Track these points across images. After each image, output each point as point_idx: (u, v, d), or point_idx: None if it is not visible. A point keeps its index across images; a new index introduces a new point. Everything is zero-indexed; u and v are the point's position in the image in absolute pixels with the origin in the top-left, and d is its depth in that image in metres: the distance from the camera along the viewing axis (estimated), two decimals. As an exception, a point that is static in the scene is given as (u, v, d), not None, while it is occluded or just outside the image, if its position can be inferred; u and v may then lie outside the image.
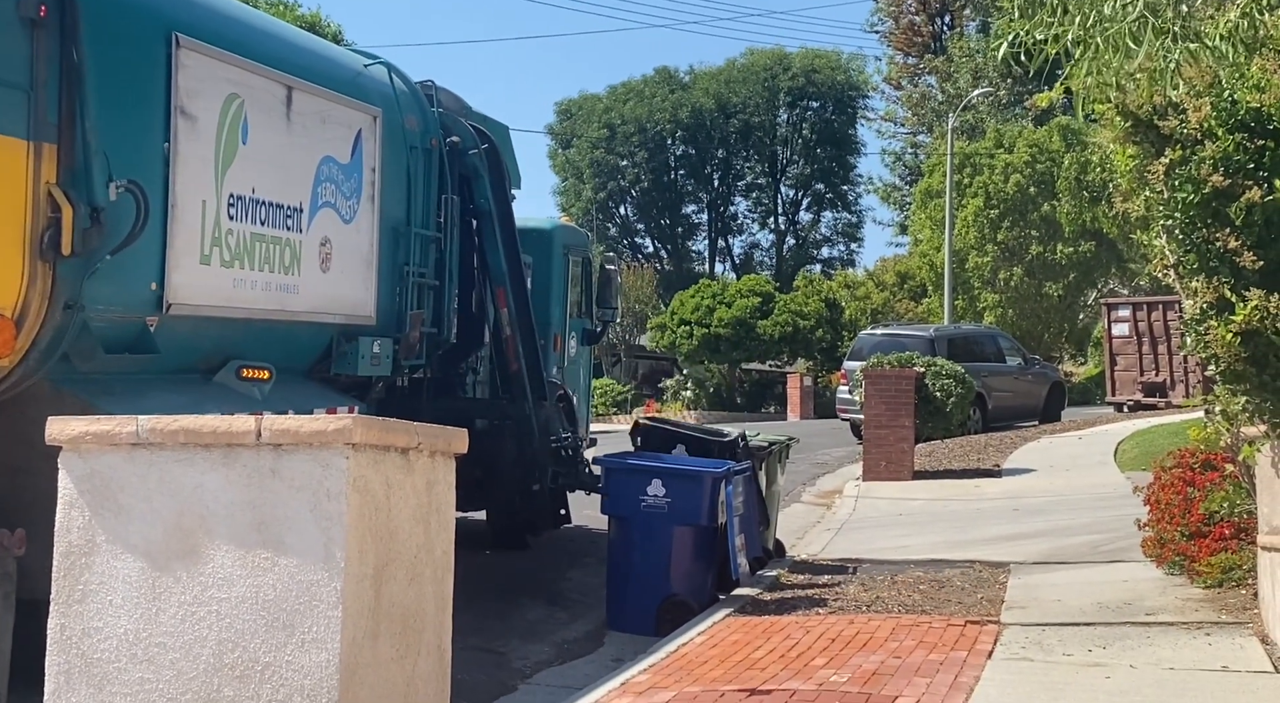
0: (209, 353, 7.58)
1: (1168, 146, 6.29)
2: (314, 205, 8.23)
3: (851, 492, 13.95)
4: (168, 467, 3.43)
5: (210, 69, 7.22)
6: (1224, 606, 7.13)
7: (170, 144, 6.89)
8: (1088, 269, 34.24)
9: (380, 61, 9.62)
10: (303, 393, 8.22)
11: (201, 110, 7.15)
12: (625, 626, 8.37)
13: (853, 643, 6.75)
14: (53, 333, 6.23)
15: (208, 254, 7.25)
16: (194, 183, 7.11)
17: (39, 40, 5.99)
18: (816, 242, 59.45)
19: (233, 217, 7.42)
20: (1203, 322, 5.98)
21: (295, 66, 8.18)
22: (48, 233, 6.02)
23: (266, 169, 7.75)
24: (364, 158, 8.77)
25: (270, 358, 7.87)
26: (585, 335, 13.11)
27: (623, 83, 56.39)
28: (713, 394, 37.15)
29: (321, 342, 8.63)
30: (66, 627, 3.45)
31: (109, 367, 6.69)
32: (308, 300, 8.22)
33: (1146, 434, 17.05)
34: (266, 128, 7.73)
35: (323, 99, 8.35)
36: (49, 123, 6.04)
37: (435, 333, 9.75)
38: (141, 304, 6.90)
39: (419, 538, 3.75)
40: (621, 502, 8.56)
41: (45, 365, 6.31)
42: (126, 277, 6.69)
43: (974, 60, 45.08)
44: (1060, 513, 11.54)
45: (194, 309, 7.21)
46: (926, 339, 21.39)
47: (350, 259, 8.67)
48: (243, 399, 7.47)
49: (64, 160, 6.10)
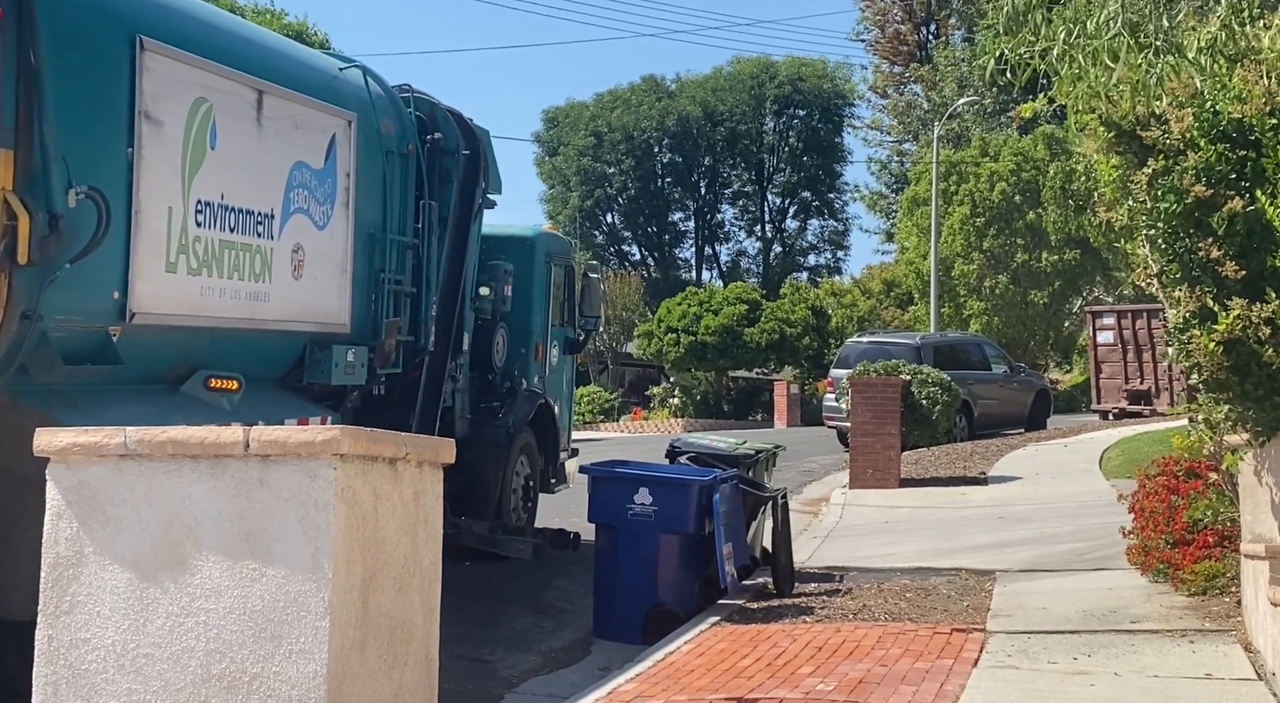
0: (175, 363, 7.40)
1: (1150, 157, 6.33)
2: (286, 211, 8.08)
3: (838, 499, 13.98)
4: (155, 478, 3.43)
5: (176, 72, 7.02)
6: (1208, 613, 7.17)
7: (134, 149, 6.70)
8: (1073, 277, 34.37)
9: (356, 65, 9.47)
10: (274, 403, 8.05)
11: (167, 115, 6.96)
12: (612, 634, 8.37)
13: (839, 651, 6.78)
14: (9, 344, 6.09)
15: (174, 262, 7.06)
16: (159, 189, 6.92)
17: None
18: (803, 249, 59.56)
19: (200, 223, 7.23)
20: (1186, 331, 6.02)
21: (266, 69, 8.00)
22: (3, 241, 5.89)
23: (236, 174, 7.55)
24: (338, 163, 8.64)
25: (240, 368, 7.73)
26: (568, 344, 12.94)
27: (610, 91, 56.46)
28: (700, 402, 37.18)
29: (294, 351, 8.47)
30: (54, 638, 3.45)
31: (70, 378, 6.53)
32: (279, 308, 8.04)
33: (1131, 442, 17.12)
34: (236, 132, 7.53)
35: (295, 103, 8.19)
36: (5, 127, 5.90)
37: (412, 341, 9.62)
38: (103, 313, 6.71)
39: (406, 548, 3.75)
40: (608, 510, 8.56)
41: (2, 377, 6.16)
42: (88, 285, 6.52)
43: (959, 69, 45.24)
44: (1046, 521, 11.58)
45: (159, 318, 7.03)
46: (913, 347, 21.44)
47: (324, 266, 8.53)
48: (210, 410, 7.32)
49: (21, 166, 5.95)
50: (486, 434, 10.89)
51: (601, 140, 54.51)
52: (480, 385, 11.16)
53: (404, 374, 9.63)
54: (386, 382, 9.46)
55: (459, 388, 10.58)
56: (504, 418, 11.14)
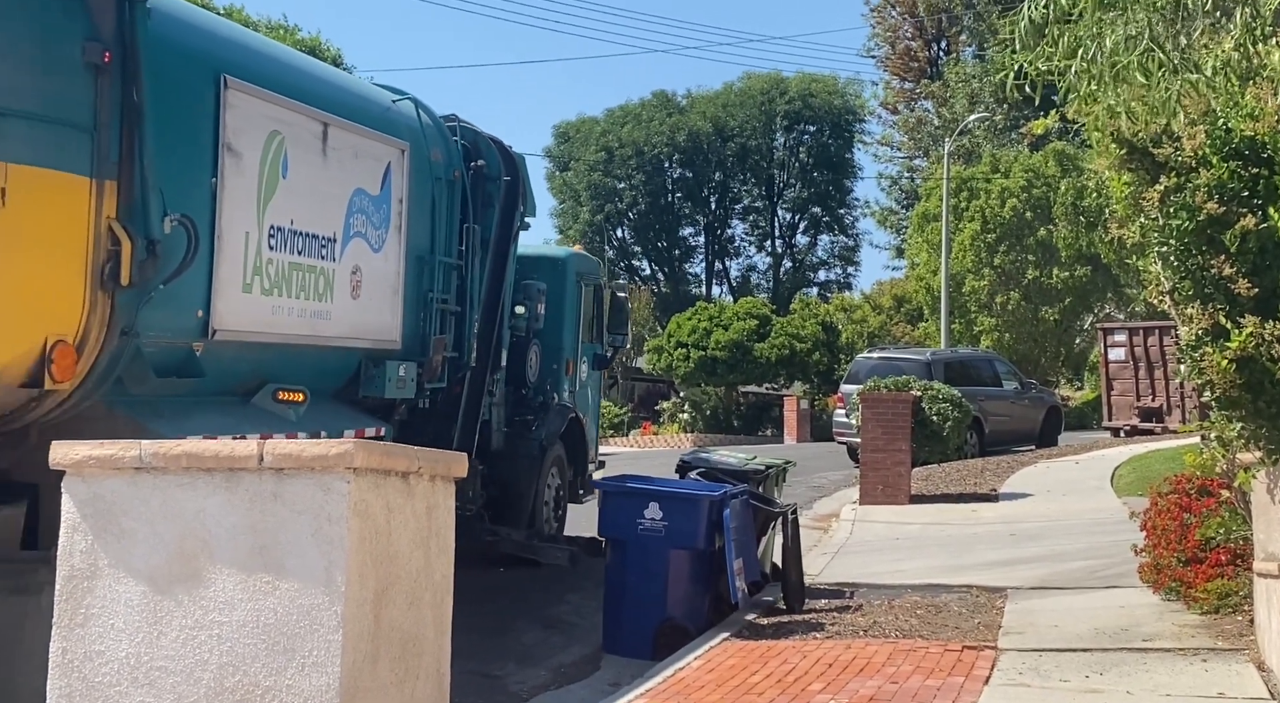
0: (248, 376, 7.90)
1: (1163, 174, 6.34)
2: (346, 235, 8.62)
3: (848, 515, 13.95)
4: (170, 491, 3.45)
5: (255, 108, 7.59)
6: (1220, 632, 7.14)
7: (217, 179, 7.26)
8: (1084, 294, 34.30)
9: (407, 97, 10.02)
10: (333, 414, 8.58)
11: (246, 147, 7.57)
12: (622, 650, 8.35)
13: (850, 668, 6.76)
14: (109, 358, 6.57)
15: (249, 283, 7.65)
16: (238, 215, 7.47)
17: (102, 84, 6.41)
18: (813, 264, 59.55)
19: (273, 247, 7.83)
20: (1198, 348, 6.02)
21: (331, 103, 8.60)
22: (108, 265, 6.38)
23: (304, 201, 8.13)
24: (392, 189, 9.17)
25: (304, 381, 8.21)
26: (596, 360, 13.44)
27: (621, 106, 56.58)
28: (709, 417, 37.13)
29: (350, 365, 8.97)
30: (68, 650, 3.46)
31: (159, 390, 7.07)
32: (339, 326, 8.59)
33: (1143, 459, 17.06)
34: (304, 162, 8.12)
35: (356, 134, 8.74)
36: (110, 161, 6.41)
37: (456, 357, 10.10)
38: (189, 331, 7.26)
39: (419, 562, 3.76)
40: (618, 525, 8.56)
41: (101, 388, 6.67)
42: (176, 305, 7.04)
43: (970, 85, 45.27)
44: (1057, 538, 11.55)
45: (236, 335, 7.55)
46: (923, 363, 21.41)
47: (378, 286, 9.06)
48: (278, 420, 7.81)
49: (123, 196, 6.45)
50: (521, 447, 11.39)
51: (612, 155, 54.62)
52: (514, 400, 11.63)
53: (447, 389, 10.13)
54: (431, 395, 9.95)
55: (495, 402, 11.07)
56: (537, 431, 11.61)
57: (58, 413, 6.55)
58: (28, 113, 6.05)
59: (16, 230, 5.99)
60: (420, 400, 9.71)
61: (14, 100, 6.00)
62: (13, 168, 5.94)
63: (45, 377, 6.21)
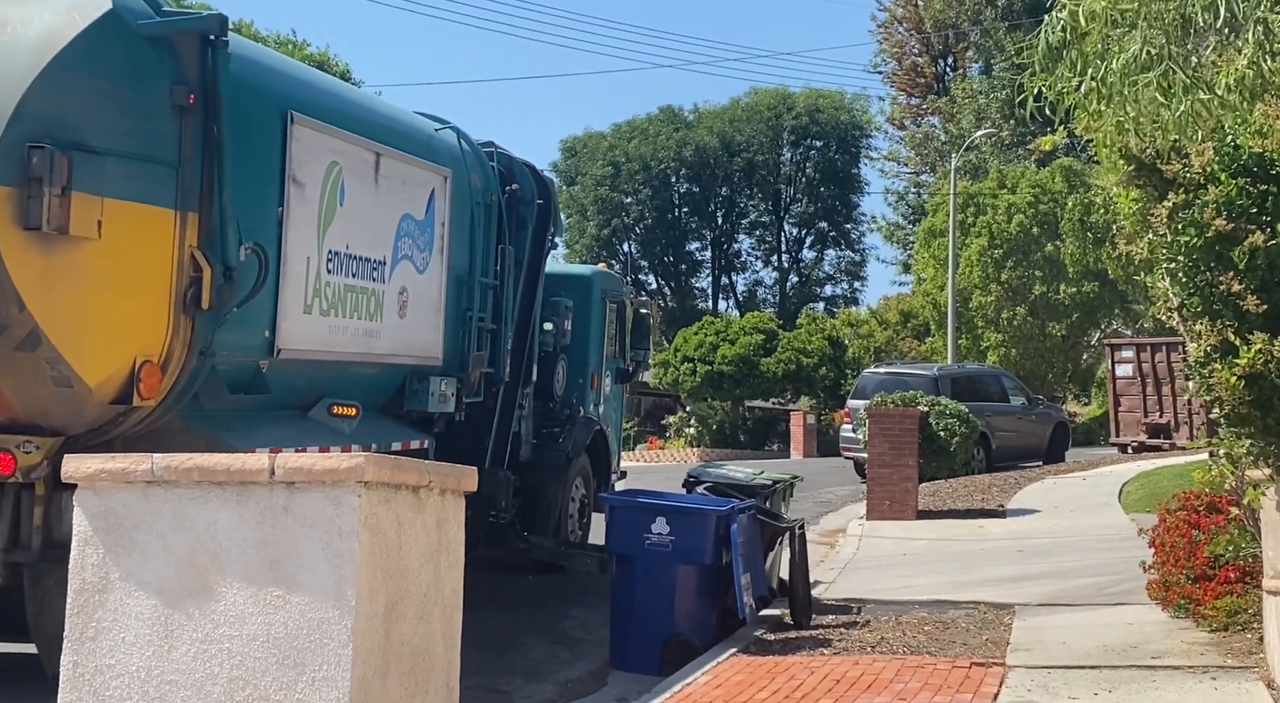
0: (306, 392, 8.37)
1: (1170, 190, 6.35)
2: (395, 258, 9.12)
3: (855, 531, 13.92)
4: (181, 504, 3.46)
5: (316, 140, 8.14)
6: (1230, 650, 7.12)
7: (283, 208, 7.77)
8: (1091, 310, 34.25)
9: (449, 126, 10.50)
10: (380, 428, 9.05)
11: (308, 177, 8.04)
12: (629, 665, 8.34)
13: (857, 684, 6.74)
14: (189, 376, 7.09)
15: (309, 304, 8.12)
16: (301, 241, 8.00)
17: (186, 123, 6.93)
18: (820, 279, 59.50)
19: (330, 270, 8.32)
20: (1207, 365, 6.01)
21: (382, 133, 9.11)
22: (190, 290, 6.90)
23: (358, 227, 8.63)
24: (436, 214, 9.67)
25: (356, 396, 8.69)
26: (619, 374, 13.79)
27: (627, 121, 56.63)
28: (716, 431, 37.09)
29: (396, 381, 9.44)
30: (79, 664, 3.46)
31: (230, 405, 7.54)
32: (388, 344, 9.08)
33: (1151, 476, 17.01)
34: (359, 190, 8.61)
35: (404, 163, 9.24)
36: (193, 194, 6.93)
37: (492, 372, 10.55)
38: (257, 350, 7.76)
39: (429, 576, 3.77)
40: (625, 540, 8.55)
41: (180, 404, 7.14)
42: (247, 326, 7.52)
43: (976, 101, 45.31)
44: (1065, 554, 11.51)
45: (298, 353, 8.02)
46: (930, 378, 21.38)
47: (422, 306, 9.53)
48: (334, 433, 8.31)
49: (204, 226, 6.98)
50: (548, 458, 11.79)
51: (619, 170, 54.70)
52: (542, 412, 12.02)
53: (482, 402, 10.58)
54: (467, 409, 10.36)
55: (525, 415, 11.47)
56: (564, 443, 12.03)
57: (140, 427, 7.01)
58: (122, 152, 6.61)
59: (111, 259, 6.56)
60: (458, 414, 10.13)
61: (111, 141, 6.56)
62: (108, 202, 6.48)
63: (134, 394, 6.72)
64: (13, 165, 6.20)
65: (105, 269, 6.55)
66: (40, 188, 6.18)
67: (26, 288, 6.28)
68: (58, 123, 6.34)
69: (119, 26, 6.64)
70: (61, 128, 6.34)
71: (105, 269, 6.55)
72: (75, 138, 6.36)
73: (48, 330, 6.36)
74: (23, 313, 6.29)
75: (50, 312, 6.38)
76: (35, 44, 6.42)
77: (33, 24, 6.49)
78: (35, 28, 6.49)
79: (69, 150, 6.28)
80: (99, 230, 6.41)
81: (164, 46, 6.85)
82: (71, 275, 6.44)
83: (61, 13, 6.56)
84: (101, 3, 6.63)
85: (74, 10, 6.57)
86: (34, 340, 6.36)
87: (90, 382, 6.54)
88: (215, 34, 6.94)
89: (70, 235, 6.31)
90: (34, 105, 6.28)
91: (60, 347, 6.41)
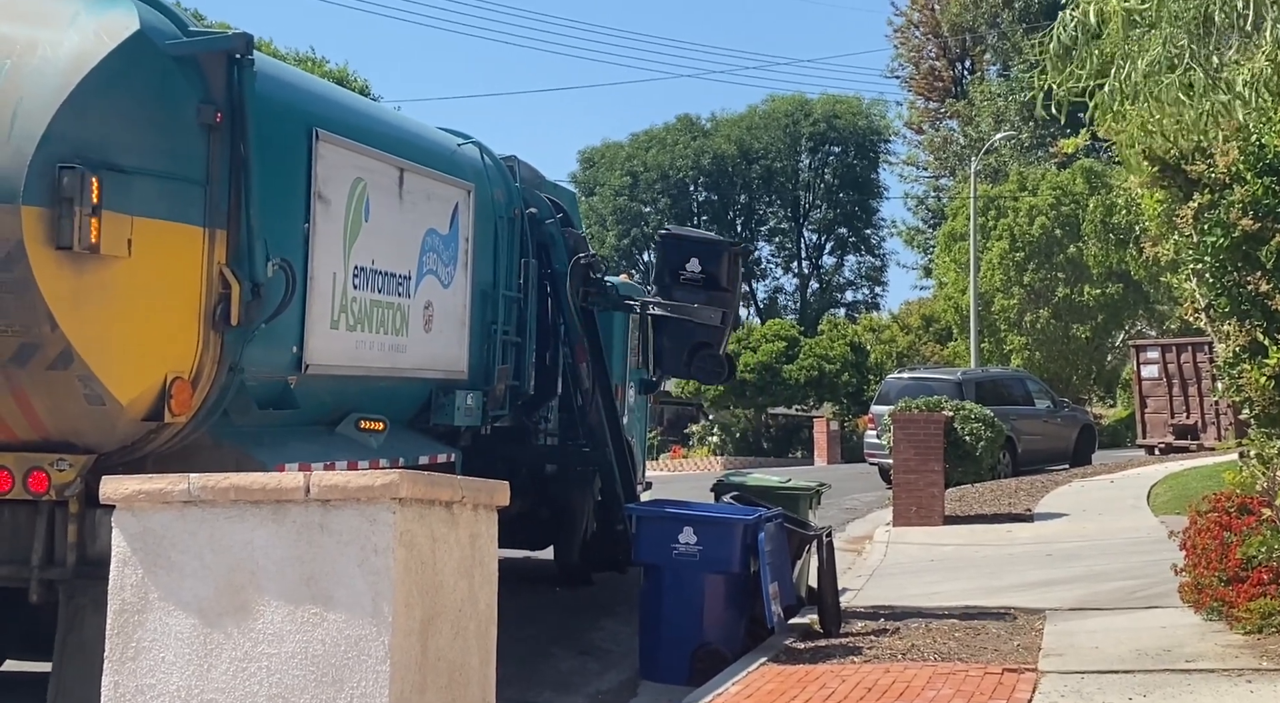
0: (333, 407, 8.40)
1: (1196, 191, 6.34)
2: (420, 273, 9.16)
3: (882, 537, 13.88)
4: (219, 523, 3.49)
5: (341, 157, 8.16)
6: (1265, 652, 7.07)
7: (309, 224, 7.82)
8: (1115, 311, 34.08)
9: (471, 141, 10.57)
10: (408, 441, 9.06)
11: (334, 194, 8.08)
12: (658, 675, 8.33)
13: (889, 692, 6.72)
14: (219, 393, 7.11)
15: (336, 320, 8.17)
16: (327, 257, 8.04)
17: (213, 141, 6.94)
18: (840, 285, 59.42)
19: (356, 286, 8.37)
20: (1235, 365, 6.00)
21: (406, 149, 9.16)
22: (219, 307, 6.95)
23: (383, 242, 8.68)
24: (459, 228, 9.71)
25: (383, 410, 8.69)
26: (643, 385, 13.75)
27: (645, 131, 56.72)
28: (739, 439, 37.05)
29: (422, 395, 9.46)
30: (120, 684, 3.49)
31: (259, 421, 7.54)
32: (413, 358, 9.10)
33: (1179, 477, 16.90)
34: (384, 206, 8.66)
35: (428, 178, 9.28)
36: (220, 211, 6.98)
37: (517, 386, 10.59)
38: (285, 365, 7.79)
39: (463, 591, 3.78)
40: (653, 550, 8.55)
41: (209, 421, 7.16)
42: (275, 341, 7.56)
43: (995, 104, 45.20)
44: (1094, 558, 11.45)
45: (325, 369, 8.06)
46: (954, 383, 21.31)
47: (448, 320, 9.57)
48: (361, 448, 8.33)
49: (232, 243, 7.03)
50: (574, 471, 11.76)
51: (637, 180, 54.78)
52: (566, 424, 11.92)
53: (508, 415, 10.60)
54: (492, 421, 10.40)
55: (550, 429, 11.51)
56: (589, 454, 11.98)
57: (172, 444, 7.04)
58: (151, 170, 6.65)
59: (142, 277, 6.60)
60: (484, 427, 10.17)
61: (139, 160, 6.60)
62: (138, 220, 6.52)
63: (165, 411, 6.75)
64: (44, 186, 6.27)
65: (136, 287, 6.61)
66: (71, 208, 6.26)
67: (59, 307, 6.34)
68: (87, 144, 6.41)
69: (146, 47, 6.70)
70: (91, 148, 6.41)
71: (136, 287, 6.61)
72: (105, 158, 6.43)
73: (80, 349, 6.42)
74: (55, 332, 6.35)
75: (82, 330, 6.43)
76: (64, 66, 6.49)
77: (61, 46, 6.56)
78: (64, 50, 6.55)
79: (99, 170, 6.35)
80: (129, 249, 6.48)
81: (190, 66, 6.92)
82: (103, 294, 6.51)
83: (89, 35, 6.63)
84: (129, 24, 6.69)
85: (102, 32, 6.64)
86: (66, 359, 6.42)
87: (122, 399, 6.59)
88: (241, 53, 7.00)
89: (101, 254, 6.38)
90: (63, 127, 6.36)
91: (92, 365, 6.46)
